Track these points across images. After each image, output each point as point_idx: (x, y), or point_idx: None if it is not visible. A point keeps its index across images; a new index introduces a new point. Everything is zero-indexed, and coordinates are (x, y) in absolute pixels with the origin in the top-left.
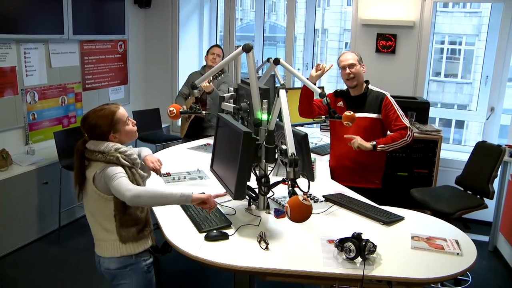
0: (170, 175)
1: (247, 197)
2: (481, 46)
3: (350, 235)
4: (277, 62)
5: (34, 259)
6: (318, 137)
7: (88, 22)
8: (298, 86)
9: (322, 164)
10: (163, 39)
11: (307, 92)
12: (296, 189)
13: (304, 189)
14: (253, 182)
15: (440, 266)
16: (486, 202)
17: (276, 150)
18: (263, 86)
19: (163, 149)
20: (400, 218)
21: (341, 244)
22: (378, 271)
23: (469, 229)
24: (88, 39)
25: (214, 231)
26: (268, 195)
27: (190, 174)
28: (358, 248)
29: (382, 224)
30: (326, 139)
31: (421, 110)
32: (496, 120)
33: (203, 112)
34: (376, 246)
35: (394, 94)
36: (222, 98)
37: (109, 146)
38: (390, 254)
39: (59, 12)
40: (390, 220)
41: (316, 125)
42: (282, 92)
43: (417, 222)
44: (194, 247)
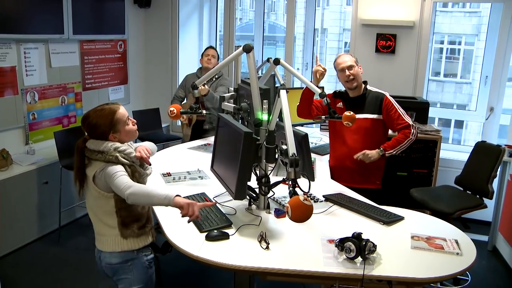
0: (170, 175)
1: (248, 197)
2: (480, 46)
3: (350, 235)
4: (277, 62)
5: (34, 259)
6: (318, 137)
7: (88, 22)
8: (298, 86)
9: (322, 164)
10: (163, 39)
11: (309, 93)
12: (296, 189)
13: (304, 189)
14: (253, 182)
15: (439, 266)
16: (486, 202)
17: (276, 150)
18: (264, 86)
19: (163, 149)
20: (400, 218)
21: (341, 244)
22: (378, 271)
23: (468, 229)
24: (88, 39)
25: (215, 231)
26: (268, 195)
27: (190, 174)
28: (358, 247)
29: (382, 224)
30: (326, 139)
31: (420, 110)
32: (495, 120)
33: (204, 112)
34: (376, 245)
35: (393, 94)
36: (222, 98)
37: (108, 146)
38: (390, 253)
39: (59, 12)
40: (390, 220)
41: (316, 125)
42: (283, 92)
43: (417, 222)
44: (195, 247)
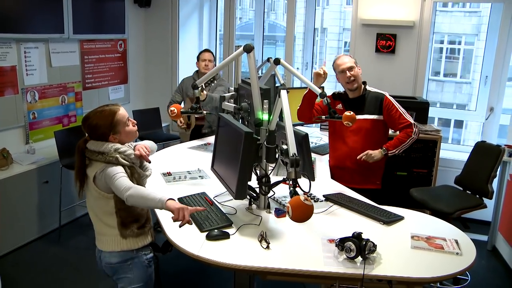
0: (170, 175)
1: (248, 196)
2: (480, 45)
3: (350, 235)
4: (277, 62)
5: (34, 258)
6: (318, 136)
7: (88, 22)
8: (298, 86)
9: (322, 164)
10: (163, 39)
11: (311, 96)
12: (297, 189)
13: (305, 189)
14: (254, 182)
15: (439, 266)
16: (485, 201)
17: (276, 150)
18: (264, 86)
19: (163, 148)
20: (400, 218)
21: (341, 243)
22: (378, 271)
23: (468, 228)
24: (88, 39)
25: (215, 231)
26: (268, 195)
27: (190, 173)
28: (358, 247)
29: (382, 223)
30: (326, 139)
31: (420, 110)
32: (495, 120)
33: (204, 112)
34: (376, 245)
35: (393, 94)
36: (222, 98)
37: (108, 147)
38: (390, 253)
39: (59, 11)
40: (390, 219)
41: (315, 124)
42: (283, 92)
43: (416, 221)
44: (196, 247)
